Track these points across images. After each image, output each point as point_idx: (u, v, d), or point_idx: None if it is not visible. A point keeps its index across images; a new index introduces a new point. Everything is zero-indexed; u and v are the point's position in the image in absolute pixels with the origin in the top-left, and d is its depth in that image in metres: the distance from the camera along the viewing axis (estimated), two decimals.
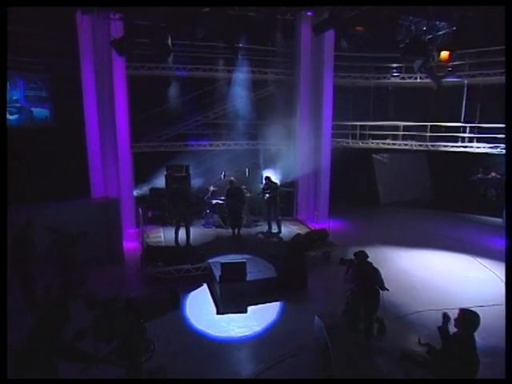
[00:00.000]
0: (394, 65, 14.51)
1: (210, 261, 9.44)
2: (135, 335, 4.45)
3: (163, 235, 11.55)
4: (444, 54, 12.39)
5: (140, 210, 11.58)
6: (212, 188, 12.47)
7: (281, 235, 11.49)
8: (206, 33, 9.35)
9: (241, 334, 7.04)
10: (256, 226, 12.42)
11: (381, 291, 6.41)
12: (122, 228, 10.75)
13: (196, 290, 8.85)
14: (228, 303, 7.95)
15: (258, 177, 12.76)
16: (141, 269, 9.34)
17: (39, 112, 12.61)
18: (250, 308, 7.94)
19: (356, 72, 14.46)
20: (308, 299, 8.45)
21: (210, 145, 13.17)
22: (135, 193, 12.86)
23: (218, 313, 7.85)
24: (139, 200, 12.76)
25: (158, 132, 13.14)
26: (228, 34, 9.84)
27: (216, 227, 12.29)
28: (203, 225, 12.43)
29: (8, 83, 11.61)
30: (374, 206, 16.15)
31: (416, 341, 4.87)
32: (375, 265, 6.71)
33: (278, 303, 8.19)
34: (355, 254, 6.75)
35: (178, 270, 9.23)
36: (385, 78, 14.68)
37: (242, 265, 8.48)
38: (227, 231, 11.73)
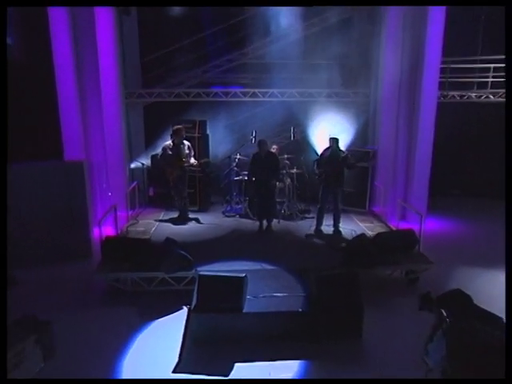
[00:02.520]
0: None
1: (201, 270, 6.32)
2: None
3: (158, 223, 8.73)
4: None
5: (135, 185, 9.04)
6: (239, 156, 9.25)
7: (338, 236, 8.01)
8: None
9: None
10: (303, 218, 8.97)
11: None
12: (92, 207, 8.09)
13: (166, 318, 5.80)
14: (199, 353, 4.81)
15: (308, 144, 9.24)
16: (94, 273, 6.52)
17: None
18: (239, 368, 4.65)
19: None
20: (360, 362, 4.90)
21: (243, 93, 9.91)
22: (135, 164, 10.19)
23: (174, 370, 4.71)
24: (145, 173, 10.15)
25: (173, 77, 10.29)
26: None
27: (241, 217, 9.10)
28: (223, 212, 9.32)
29: None
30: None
31: None
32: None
33: (297, 364, 4.79)
34: (446, 297, 3.24)
35: (149, 280, 6.27)
36: None
37: (238, 283, 5.27)
38: (253, 223, 8.47)
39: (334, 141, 7.87)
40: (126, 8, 10.27)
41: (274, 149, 9.11)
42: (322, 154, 8.01)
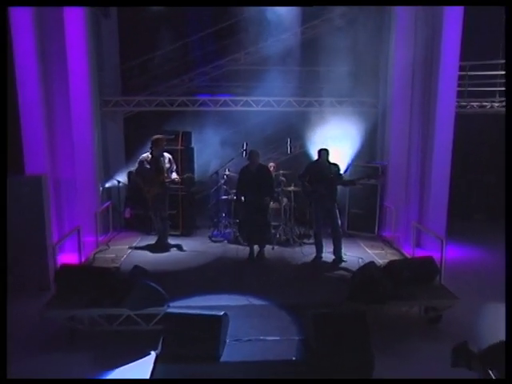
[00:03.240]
0: None
1: (175, 306, 5.38)
2: None
3: (132, 250, 7.82)
4: None
5: (109, 205, 8.16)
6: (228, 172, 8.37)
7: (341, 266, 7.05)
8: None
9: None
10: (302, 244, 8.02)
11: None
12: (52, 230, 7.15)
13: (130, 365, 4.85)
14: None
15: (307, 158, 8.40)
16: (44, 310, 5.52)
17: None
18: None
19: None
20: None
21: (234, 102, 9.12)
22: (111, 182, 9.33)
23: None
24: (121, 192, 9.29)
25: (156, 85, 9.56)
26: None
27: (229, 242, 8.15)
28: (209, 237, 8.38)
29: None
30: None
31: None
32: None
33: None
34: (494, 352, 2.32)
35: (111, 318, 5.33)
36: None
37: (215, 323, 4.32)
38: (243, 250, 7.52)
39: (324, 153, 7.00)
40: (105, 9, 9.61)
41: (271, 166, 8.29)
42: (307, 168, 7.14)
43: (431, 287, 5.94)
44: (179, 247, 7.89)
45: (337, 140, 8.48)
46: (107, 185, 9.61)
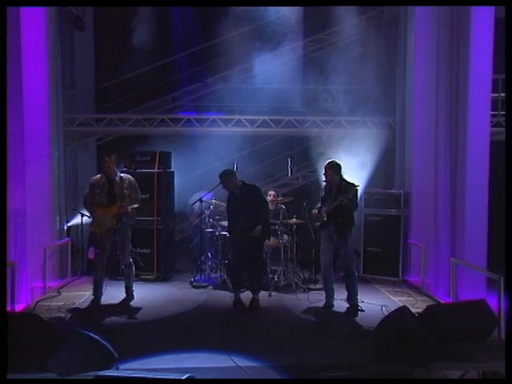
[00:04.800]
0: None
1: (126, 367, 3.83)
2: None
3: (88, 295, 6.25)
4: None
5: (67, 242, 6.79)
6: (214, 201, 6.94)
7: (359, 316, 5.52)
8: None
9: None
10: (307, 290, 6.47)
11: None
12: None
13: None
14: None
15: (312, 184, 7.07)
16: None
17: None
18: None
19: None
20: None
21: (225, 121, 7.87)
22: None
23: None
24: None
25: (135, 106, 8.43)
26: None
27: (215, 288, 6.61)
28: (191, 282, 6.83)
29: None
30: None
31: None
32: None
33: None
34: None
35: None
36: None
37: None
38: (232, 297, 5.94)
39: (333, 169, 5.63)
40: (79, 20, 8.60)
41: (270, 195, 6.92)
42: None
43: (488, 343, 4.36)
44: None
45: (347, 165, 7.15)
46: (74, 221, 8.17)
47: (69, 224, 8.12)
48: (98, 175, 5.87)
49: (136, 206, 5.65)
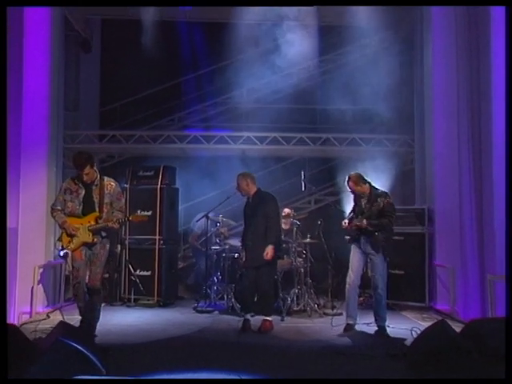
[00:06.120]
0: None
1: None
2: None
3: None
4: None
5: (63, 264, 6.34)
6: (221, 218, 6.44)
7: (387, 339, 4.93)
8: None
9: None
10: (323, 315, 5.87)
11: None
12: None
13: None
14: None
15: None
16: None
17: None
18: None
19: None
20: None
21: (233, 139, 7.51)
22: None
23: None
24: None
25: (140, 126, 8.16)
26: None
27: (221, 313, 6.00)
28: (195, 307, 6.23)
29: None
30: None
31: None
32: None
33: None
34: None
35: None
36: None
37: None
38: (238, 321, 5.35)
39: (354, 180, 5.20)
40: (86, 42, 8.48)
41: (285, 212, 6.44)
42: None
43: None
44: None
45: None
46: None
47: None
48: (72, 178, 4.76)
49: (119, 217, 4.67)
